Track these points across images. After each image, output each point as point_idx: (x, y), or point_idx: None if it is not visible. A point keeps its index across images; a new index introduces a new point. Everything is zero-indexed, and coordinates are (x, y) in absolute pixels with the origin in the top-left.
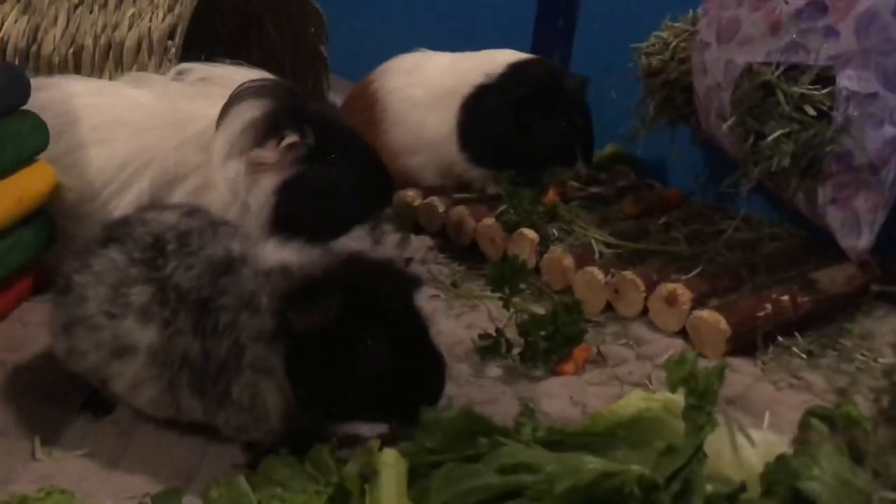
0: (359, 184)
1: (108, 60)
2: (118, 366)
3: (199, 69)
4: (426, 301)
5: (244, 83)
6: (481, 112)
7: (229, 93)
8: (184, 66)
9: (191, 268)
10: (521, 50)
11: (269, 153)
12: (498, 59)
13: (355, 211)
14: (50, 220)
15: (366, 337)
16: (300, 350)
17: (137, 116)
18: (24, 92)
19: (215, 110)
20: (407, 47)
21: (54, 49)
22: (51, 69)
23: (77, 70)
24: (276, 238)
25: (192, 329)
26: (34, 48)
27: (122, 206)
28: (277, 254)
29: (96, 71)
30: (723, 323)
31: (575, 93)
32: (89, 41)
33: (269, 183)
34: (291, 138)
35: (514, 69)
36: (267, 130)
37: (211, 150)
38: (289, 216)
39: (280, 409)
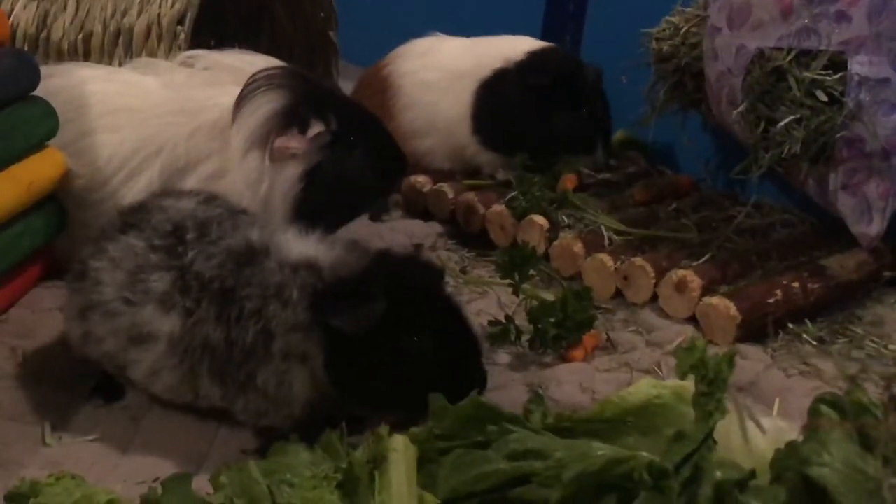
0: (377, 167)
1: (117, 46)
2: (137, 353)
3: (206, 56)
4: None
5: (258, 72)
6: (500, 96)
7: (238, 80)
8: (191, 52)
9: (212, 257)
10: (531, 35)
11: (296, 142)
12: (517, 46)
13: (372, 194)
14: (60, 206)
15: (410, 332)
16: (343, 345)
17: (146, 103)
18: (34, 78)
19: (226, 99)
20: (416, 33)
21: (64, 35)
22: (60, 55)
23: (87, 56)
24: (294, 226)
25: (216, 318)
26: (44, 34)
27: (133, 193)
28: (300, 246)
29: (106, 57)
30: (733, 309)
31: (595, 82)
32: (99, 27)
33: (293, 171)
34: (318, 127)
35: (535, 57)
36: (290, 120)
37: (229, 140)
38: (311, 203)
39: (306, 395)
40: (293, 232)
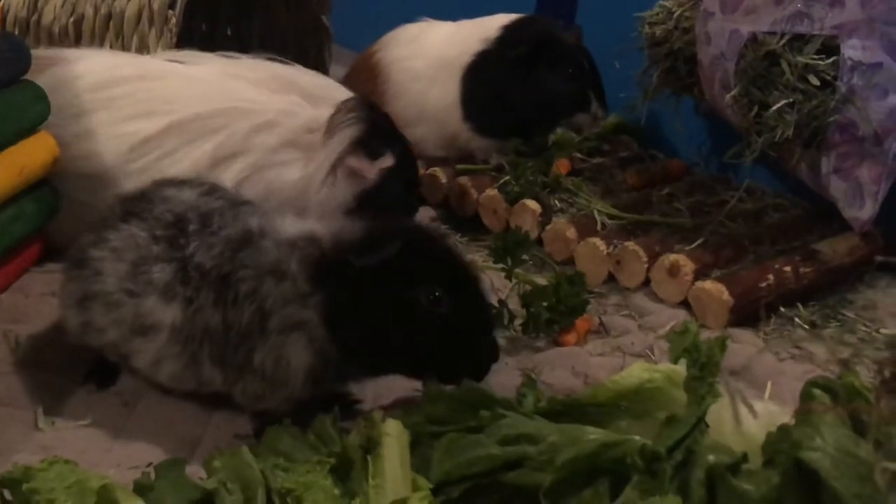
0: (406, 187)
1: (108, 30)
2: (140, 343)
3: (253, 63)
4: None
5: (346, 101)
6: (485, 79)
7: (291, 90)
8: (231, 54)
9: (212, 247)
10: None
11: (367, 167)
12: (492, 24)
13: (406, 207)
14: (53, 190)
15: (417, 286)
16: (346, 296)
17: (198, 92)
18: (25, 62)
19: (289, 106)
20: (410, 16)
21: (55, 18)
22: (51, 39)
23: (77, 40)
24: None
25: (213, 303)
26: (34, 17)
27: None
28: (297, 224)
29: (97, 41)
30: (725, 294)
31: (576, 42)
32: (90, 10)
33: (353, 188)
34: (390, 161)
35: (510, 30)
36: (366, 148)
37: (316, 158)
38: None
39: (305, 366)
40: (291, 216)
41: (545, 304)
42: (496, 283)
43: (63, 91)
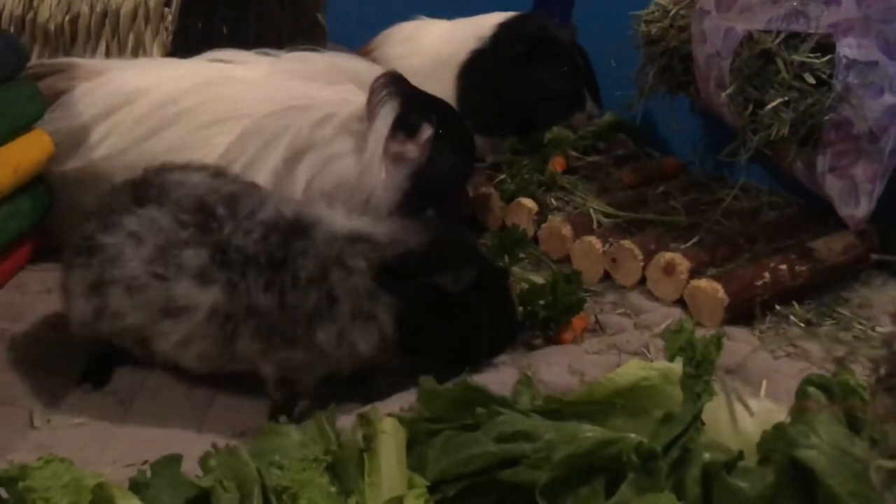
0: (462, 157)
1: (104, 28)
2: (169, 325)
3: (300, 56)
4: None
5: (376, 80)
6: (480, 77)
7: (343, 79)
8: (267, 50)
9: (250, 232)
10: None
11: (412, 147)
12: (487, 22)
13: (458, 187)
14: (48, 188)
15: (478, 298)
16: (417, 308)
17: (259, 94)
18: (21, 60)
19: (345, 95)
20: (406, 14)
21: (50, 17)
22: (47, 37)
23: (73, 38)
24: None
25: (265, 287)
26: (30, 15)
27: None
28: (341, 219)
29: (93, 39)
30: (721, 292)
31: (571, 40)
32: (85, 8)
33: (404, 171)
34: (429, 132)
35: (505, 28)
36: (404, 126)
37: (367, 144)
38: (413, 200)
39: (367, 356)
40: (328, 207)
41: (542, 302)
42: None
43: (125, 108)
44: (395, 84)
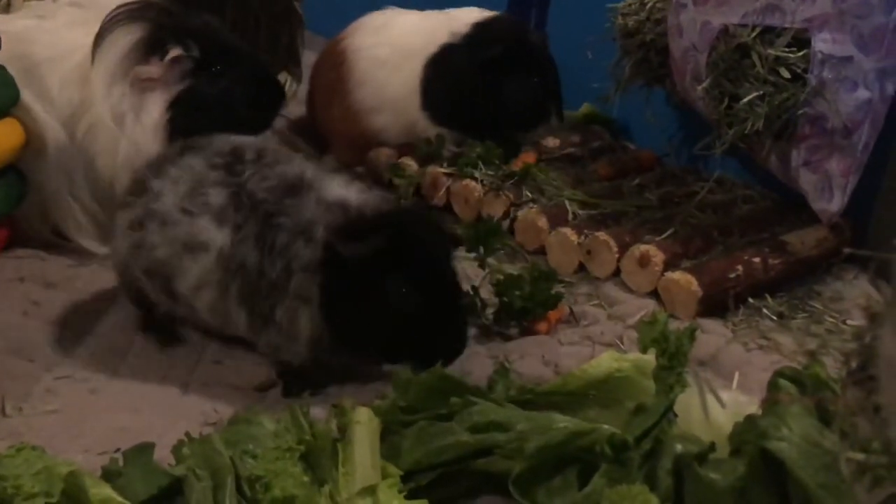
0: (248, 96)
1: None
2: (189, 261)
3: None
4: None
5: (116, 8)
6: (447, 72)
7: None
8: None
9: (265, 179)
10: (498, 9)
11: (154, 68)
12: (462, 18)
13: (247, 124)
14: (20, 175)
15: (401, 280)
16: (337, 283)
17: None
18: None
19: (89, 39)
20: (380, 3)
21: None
22: None
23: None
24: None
25: (255, 238)
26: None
27: None
28: (340, 189)
29: None
30: (694, 284)
31: (542, 48)
32: None
33: (158, 101)
34: (176, 51)
35: (481, 28)
36: (149, 49)
37: (91, 83)
38: (183, 131)
39: (308, 335)
40: (341, 178)
41: (518, 293)
42: (468, 272)
43: None
44: (141, 10)
